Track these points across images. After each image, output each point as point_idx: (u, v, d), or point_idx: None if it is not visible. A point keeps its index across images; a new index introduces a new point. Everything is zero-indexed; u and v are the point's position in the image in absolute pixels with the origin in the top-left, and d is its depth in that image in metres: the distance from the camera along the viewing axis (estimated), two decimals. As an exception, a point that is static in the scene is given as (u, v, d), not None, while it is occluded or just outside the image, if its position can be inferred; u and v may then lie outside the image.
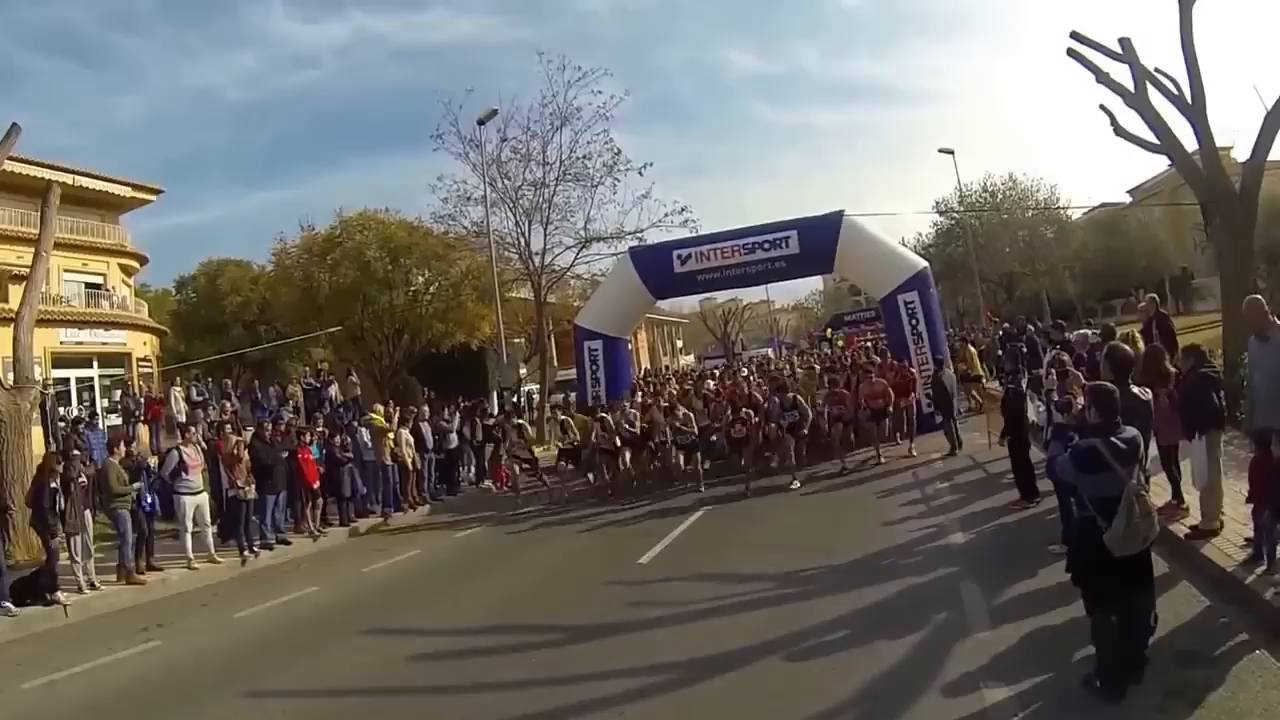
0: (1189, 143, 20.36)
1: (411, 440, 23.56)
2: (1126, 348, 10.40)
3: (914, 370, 24.56)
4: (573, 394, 32.20)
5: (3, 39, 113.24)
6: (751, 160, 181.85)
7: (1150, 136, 20.63)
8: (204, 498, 17.89)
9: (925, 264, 28.81)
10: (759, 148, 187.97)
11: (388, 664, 10.40)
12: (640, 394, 27.64)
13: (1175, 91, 19.96)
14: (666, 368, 63.12)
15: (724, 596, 11.35)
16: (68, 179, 34.24)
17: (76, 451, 18.45)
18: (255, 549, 18.44)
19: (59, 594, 14.74)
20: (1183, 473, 11.43)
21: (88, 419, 27.65)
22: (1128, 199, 70.85)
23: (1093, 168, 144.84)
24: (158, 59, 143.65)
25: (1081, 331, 22.70)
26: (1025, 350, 26.73)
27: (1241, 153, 21.44)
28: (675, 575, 13.08)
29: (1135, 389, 9.37)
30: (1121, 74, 20.95)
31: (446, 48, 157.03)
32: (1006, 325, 38.26)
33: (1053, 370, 13.81)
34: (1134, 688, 6.87)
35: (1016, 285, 64.15)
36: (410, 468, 23.46)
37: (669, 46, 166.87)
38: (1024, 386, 16.47)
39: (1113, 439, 6.93)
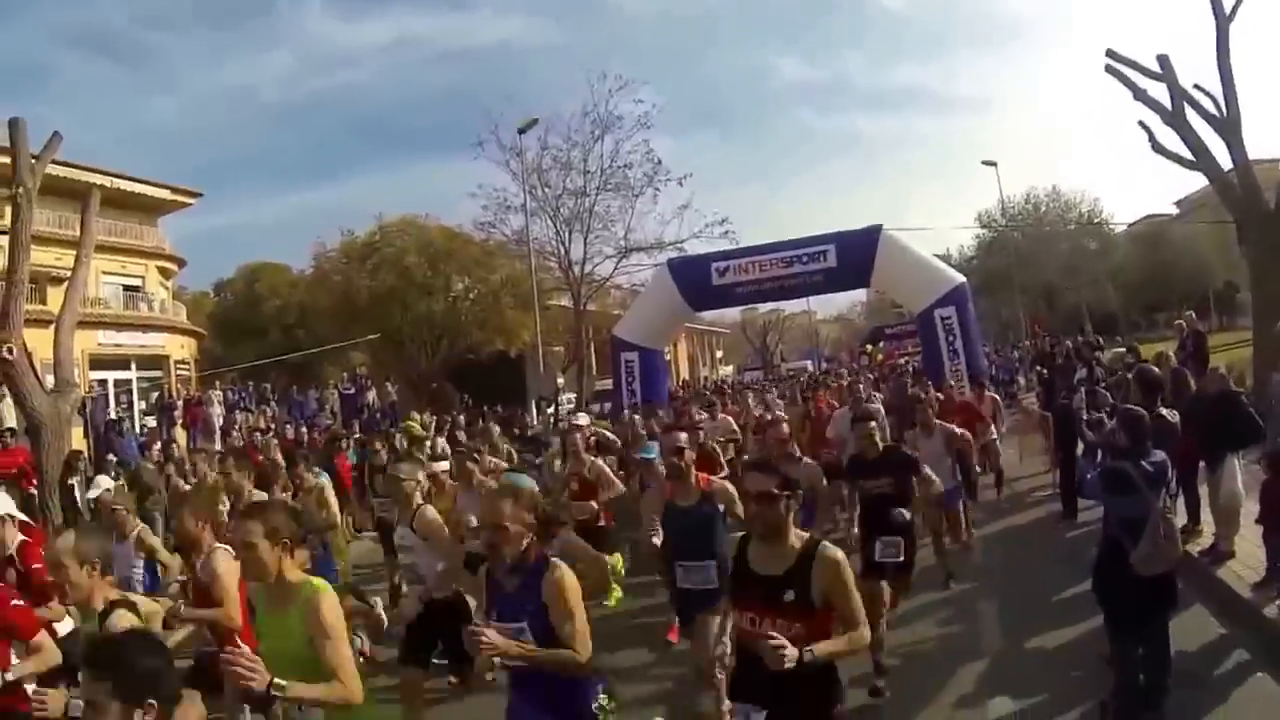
0: (1226, 160, 20.50)
1: (447, 449, 23.58)
2: (1156, 369, 10.54)
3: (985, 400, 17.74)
4: (607, 404, 32.24)
5: (39, 37, 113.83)
6: (794, 168, 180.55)
7: (1187, 154, 20.77)
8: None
9: (963, 279, 28.72)
10: (803, 156, 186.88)
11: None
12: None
13: (1212, 109, 20.09)
14: (705, 379, 63.15)
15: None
16: (107, 182, 34.91)
17: (112, 456, 18.81)
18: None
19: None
20: (1201, 495, 11.56)
21: (118, 425, 27.83)
22: (1174, 210, 70.20)
23: (1138, 179, 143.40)
24: (194, 59, 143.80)
25: (1117, 351, 22.66)
26: (1059, 364, 26.69)
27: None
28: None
29: (1164, 411, 9.51)
30: (1159, 91, 21.11)
31: (488, 51, 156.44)
32: (1052, 340, 38.26)
33: (1082, 389, 14.02)
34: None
35: (1058, 298, 63.74)
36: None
37: (714, 52, 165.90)
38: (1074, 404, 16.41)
39: (1141, 463, 7.02)
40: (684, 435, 8.64)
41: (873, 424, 9.72)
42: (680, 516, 7.85)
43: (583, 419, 15.46)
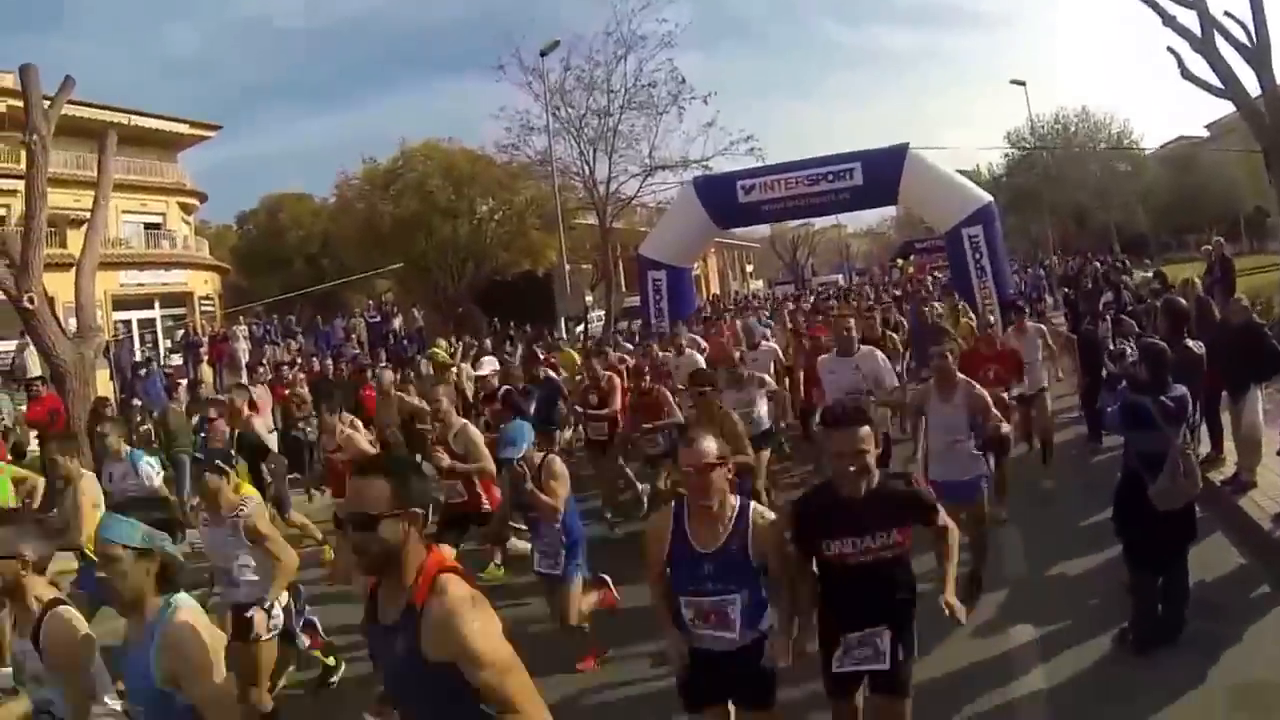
0: (1255, 88, 20.33)
1: (473, 374, 23.33)
2: (1182, 301, 10.46)
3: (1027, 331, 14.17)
4: (637, 321, 32.48)
5: None
6: (820, 82, 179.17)
7: (1216, 81, 20.58)
8: (273, 437, 18.18)
9: (990, 198, 28.65)
10: (828, 69, 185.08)
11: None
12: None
13: (1242, 37, 19.89)
14: (736, 293, 62.98)
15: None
16: (123, 120, 34.61)
17: (137, 401, 18.90)
18: (322, 488, 18.73)
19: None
20: (1225, 424, 11.49)
21: (145, 366, 27.88)
22: (1205, 134, 69.18)
23: (1168, 102, 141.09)
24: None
25: (1144, 275, 22.47)
26: (1090, 287, 26.51)
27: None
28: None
29: (1189, 342, 9.48)
30: (1189, 19, 20.90)
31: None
32: (1080, 261, 38.07)
33: (1107, 317, 13.91)
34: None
35: (1088, 218, 63.13)
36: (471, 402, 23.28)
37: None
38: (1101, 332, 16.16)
39: (1162, 398, 7.04)
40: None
41: (860, 434, 5.07)
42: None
43: (486, 367, 14.27)
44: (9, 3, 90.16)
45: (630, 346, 21.42)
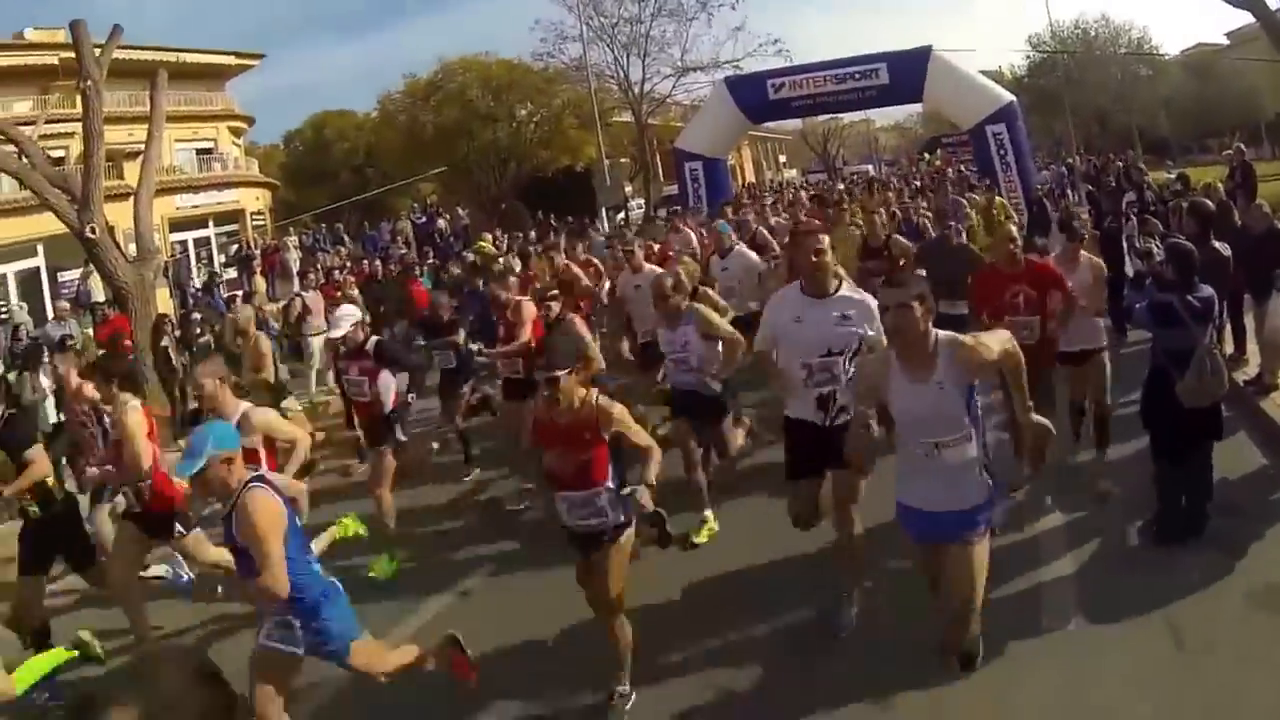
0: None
1: (519, 264, 22.98)
2: (1208, 202, 10.39)
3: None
4: (676, 208, 32.32)
5: None
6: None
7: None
8: (324, 338, 18.37)
9: (1012, 98, 28.66)
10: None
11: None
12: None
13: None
14: (771, 180, 62.78)
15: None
16: (171, 58, 34.59)
17: (198, 315, 19.30)
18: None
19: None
20: (1248, 325, 11.49)
21: (210, 283, 28.41)
22: (1225, 41, 67.87)
23: (1189, 10, 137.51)
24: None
25: (1166, 177, 22.26)
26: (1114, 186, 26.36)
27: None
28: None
29: (1215, 244, 9.46)
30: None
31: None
32: (1101, 161, 37.76)
33: (1131, 216, 13.80)
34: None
35: (1110, 120, 62.26)
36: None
37: None
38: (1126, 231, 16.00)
39: (1189, 297, 7.03)
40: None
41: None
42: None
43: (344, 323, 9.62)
44: None
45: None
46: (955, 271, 9.61)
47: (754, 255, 13.35)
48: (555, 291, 10.78)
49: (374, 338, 9.77)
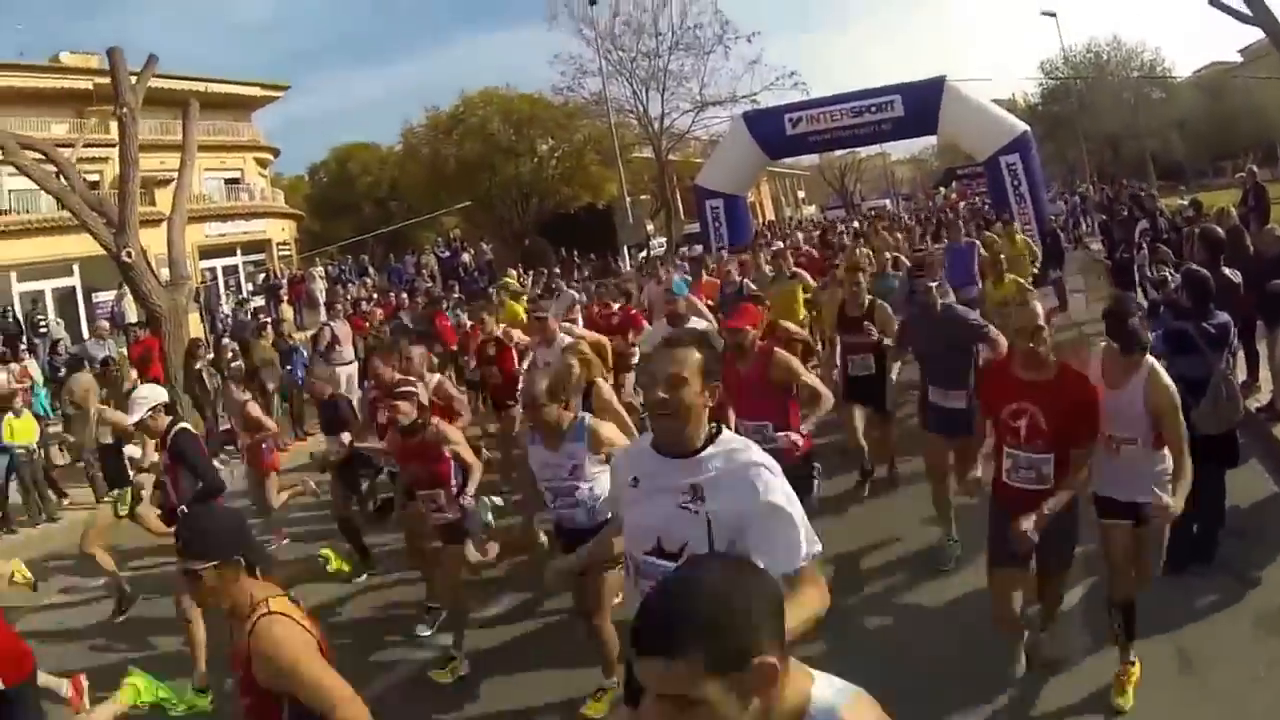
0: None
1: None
2: (1218, 229, 10.31)
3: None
4: (698, 247, 32.63)
5: None
6: (857, 15, 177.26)
7: (1244, 8, 20.24)
8: (354, 367, 18.45)
9: (1026, 128, 28.53)
10: (864, 2, 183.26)
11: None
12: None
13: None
14: (790, 219, 62.87)
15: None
16: (200, 87, 35.29)
17: (227, 340, 19.49)
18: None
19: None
20: (1260, 352, 11.28)
21: (241, 307, 28.79)
22: (1238, 59, 67.30)
23: (1202, 27, 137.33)
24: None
25: (1179, 203, 22.22)
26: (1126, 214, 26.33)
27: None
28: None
29: (1226, 271, 9.40)
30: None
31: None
32: (1114, 189, 37.73)
33: (1143, 245, 13.78)
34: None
35: (1123, 145, 61.89)
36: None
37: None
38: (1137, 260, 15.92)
39: (1204, 324, 6.98)
40: None
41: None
42: None
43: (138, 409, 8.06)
44: None
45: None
46: (941, 349, 7.78)
47: (703, 322, 10.02)
48: (407, 388, 7.89)
49: (177, 427, 8.02)
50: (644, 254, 37.26)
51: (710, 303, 13.27)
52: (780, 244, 21.98)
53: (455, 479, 7.23)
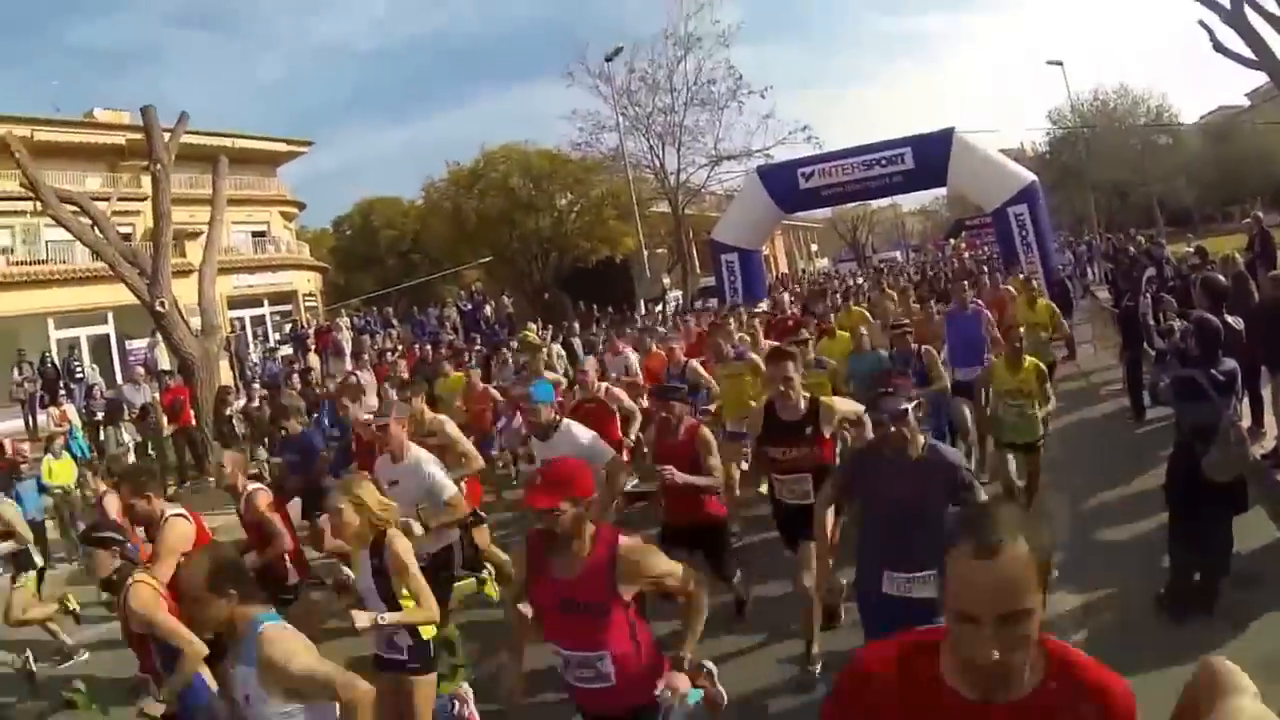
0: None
1: (564, 353, 23.37)
2: (1221, 279, 10.30)
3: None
4: (713, 300, 32.63)
5: (149, 22, 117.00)
6: (867, 69, 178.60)
7: (1249, 53, 20.33)
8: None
9: (1034, 178, 28.56)
10: (874, 57, 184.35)
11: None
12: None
13: (1273, 6, 19.63)
14: (803, 271, 62.94)
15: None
16: (228, 143, 35.99)
17: (257, 386, 19.70)
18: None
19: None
20: (1265, 398, 11.32)
21: (271, 354, 29.24)
22: (1245, 102, 66.87)
23: (1209, 72, 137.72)
24: (291, 17, 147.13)
25: (1185, 251, 22.19)
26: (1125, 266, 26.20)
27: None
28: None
29: (1229, 318, 9.42)
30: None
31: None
32: (1120, 238, 37.72)
33: (1148, 294, 13.73)
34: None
35: (1131, 193, 61.77)
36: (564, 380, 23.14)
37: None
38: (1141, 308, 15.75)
39: (1212, 371, 6.93)
40: None
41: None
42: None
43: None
44: (118, 50, 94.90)
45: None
46: (913, 507, 5.01)
47: (585, 436, 7.96)
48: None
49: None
50: (659, 307, 37.49)
51: (650, 387, 11.82)
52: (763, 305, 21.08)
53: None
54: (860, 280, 33.44)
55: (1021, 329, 9.96)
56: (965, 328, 12.01)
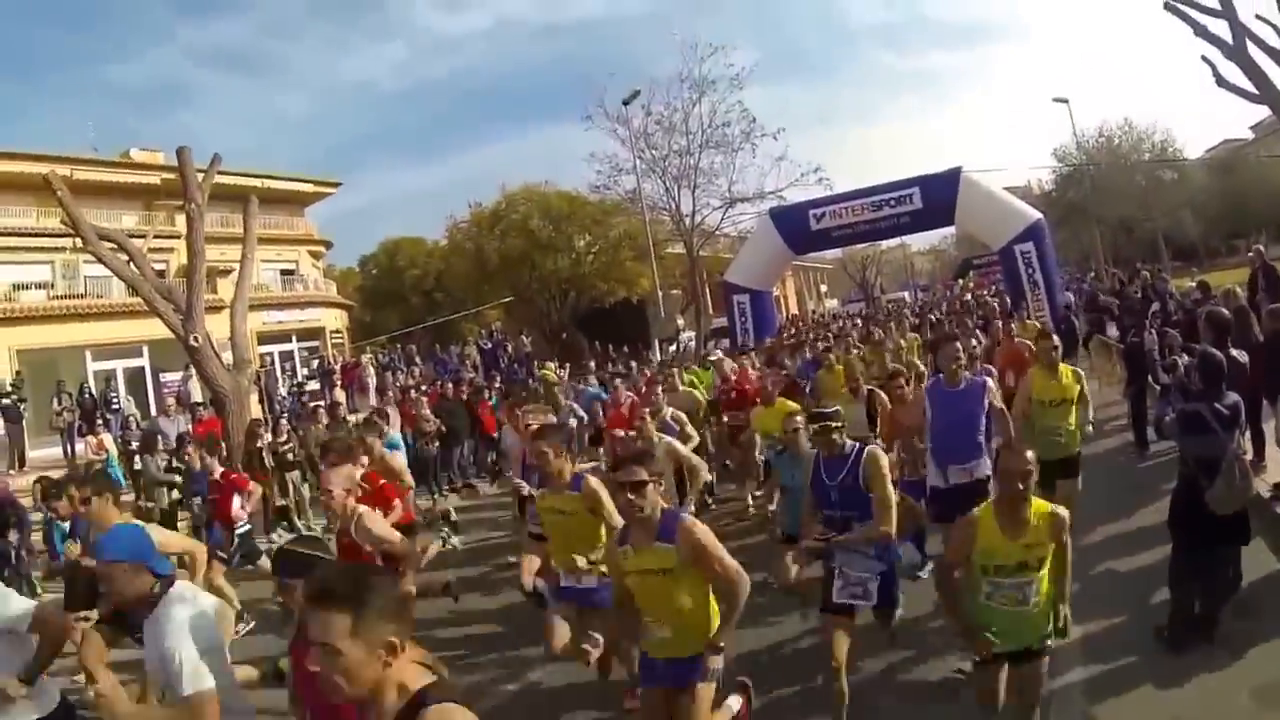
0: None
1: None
2: (1224, 312, 10.25)
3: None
4: (725, 340, 32.70)
5: (179, 63, 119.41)
6: (876, 107, 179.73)
7: (1251, 87, 20.33)
8: (402, 451, 18.62)
9: (1039, 215, 28.63)
10: (883, 95, 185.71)
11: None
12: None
13: (1274, 40, 19.60)
14: (813, 312, 62.91)
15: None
16: (258, 183, 36.73)
17: (284, 420, 19.81)
18: (444, 492, 19.28)
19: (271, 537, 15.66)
20: (1267, 431, 11.20)
21: (301, 387, 29.52)
22: (1250, 135, 66.39)
23: (1212, 106, 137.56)
24: (316, 58, 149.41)
25: (1187, 285, 22.13)
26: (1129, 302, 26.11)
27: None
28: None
29: (1233, 351, 9.33)
30: (1221, 27, 20.65)
31: (582, 23, 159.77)
32: (1125, 275, 37.60)
33: (1153, 329, 13.68)
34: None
35: (1136, 228, 61.47)
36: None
37: (795, 3, 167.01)
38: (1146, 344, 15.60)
39: (1216, 405, 6.90)
40: None
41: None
42: None
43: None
44: (151, 88, 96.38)
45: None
46: None
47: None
48: None
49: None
50: (673, 347, 37.58)
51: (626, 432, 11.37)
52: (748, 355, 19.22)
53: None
54: (842, 324, 32.90)
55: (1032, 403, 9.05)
56: (957, 404, 8.34)
